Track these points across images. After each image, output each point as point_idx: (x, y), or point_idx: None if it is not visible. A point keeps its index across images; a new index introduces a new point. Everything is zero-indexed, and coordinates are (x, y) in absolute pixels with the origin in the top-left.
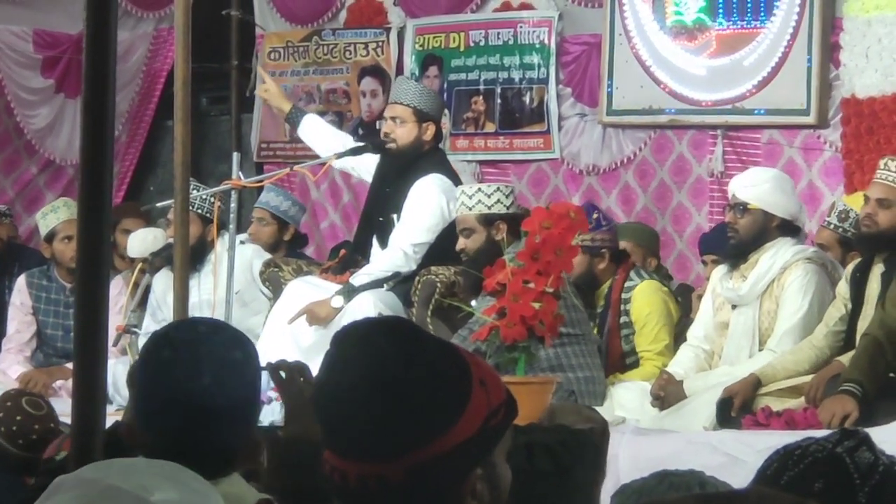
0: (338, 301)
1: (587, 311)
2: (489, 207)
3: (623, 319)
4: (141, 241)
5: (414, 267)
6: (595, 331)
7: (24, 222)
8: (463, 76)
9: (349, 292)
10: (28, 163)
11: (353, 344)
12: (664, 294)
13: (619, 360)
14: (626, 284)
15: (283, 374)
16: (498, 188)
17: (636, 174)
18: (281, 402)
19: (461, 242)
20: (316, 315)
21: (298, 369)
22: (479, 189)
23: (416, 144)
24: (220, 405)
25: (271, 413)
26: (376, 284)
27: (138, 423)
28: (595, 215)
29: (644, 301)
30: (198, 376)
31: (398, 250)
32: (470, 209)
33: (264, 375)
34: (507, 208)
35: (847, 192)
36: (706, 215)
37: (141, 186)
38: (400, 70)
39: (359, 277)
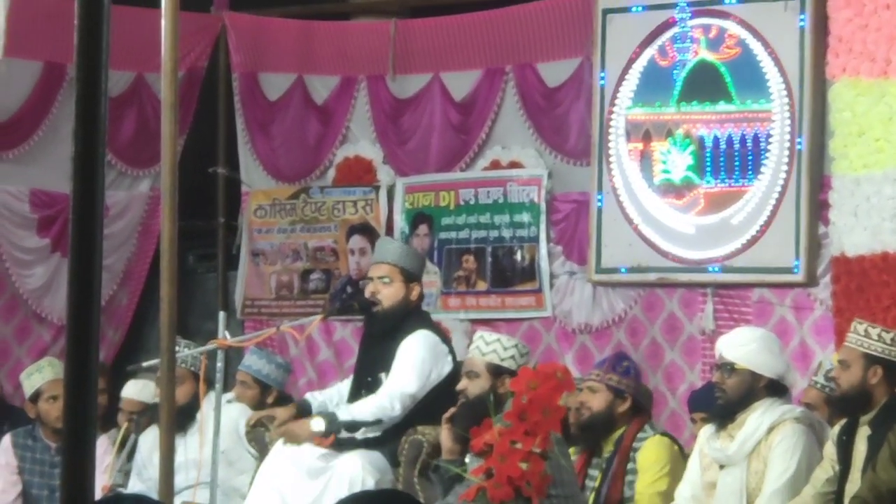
0: (318, 424)
1: (594, 460)
2: (501, 360)
3: (630, 466)
4: (143, 387)
5: (399, 416)
6: (599, 476)
7: None
8: (453, 234)
9: (331, 421)
10: (39, 329)
11: None
12: (675, 451)
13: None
14: (639, 435)
15: None
16: (516, 345)
17: (628, 332)
18: None
19: (463, 383)
20: (293, 433)
21: None
22: (498, 339)
23: (403, 304)
24: None
25: None
26: (355, 427)
27: None
28: (625, 363)
29: (653, 450)
30: None
31: (386, 398)
32: (483, 354)
33: None
34: (518, 367)
35: (837, 351)
36: (699, 373)
37: (130, 344)
38: (390, 228)
39: (343, 412)
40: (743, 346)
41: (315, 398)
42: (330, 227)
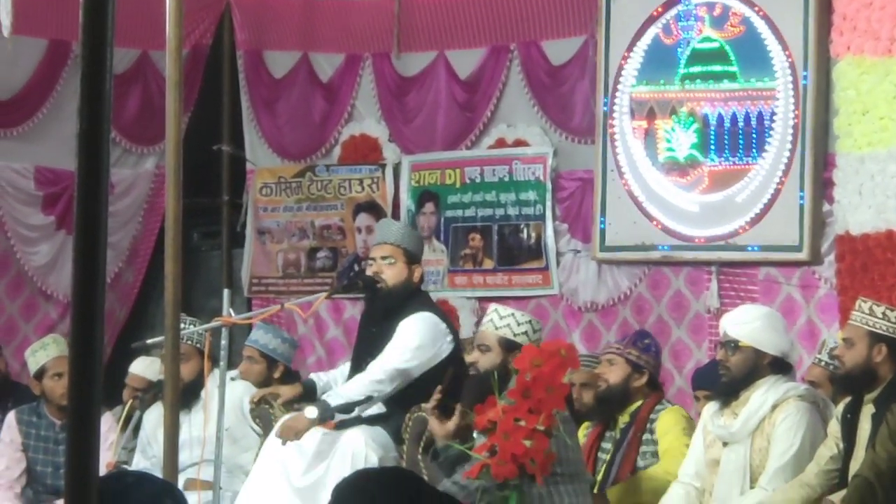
0: (311, 412)
1: (608, 433)
2: (514, 335)
3: (645, 437)
4: (150, 364)
5: (388, 391)
6: (611, 449)
7: None
8: (459, 213)
9: (324, 409)
10: (46, 306)
11: (354, 493)
12: (690, 420)
13: (631, 474)
14: (657, 407)
15: None
16: (530, 321)
17: (633, 310)
18: None
19: (475, 356)
20: (293, 429)
21: None
22: (513, 314)
23: (406, 285)
24: None
25: None
26: (348, 408)
27: None
28: (647, 341)
29: (671, 416)
30: None
31: (377, 372)
32: (496, 328)
33: None
34: (530, 343)
35: (842, 329)
36: (706, 351)
37: (133, 322)
38: (396, 206)
39: (332, 397)
40: (747, 324)
41: (320, 378)
42: (336, 205)
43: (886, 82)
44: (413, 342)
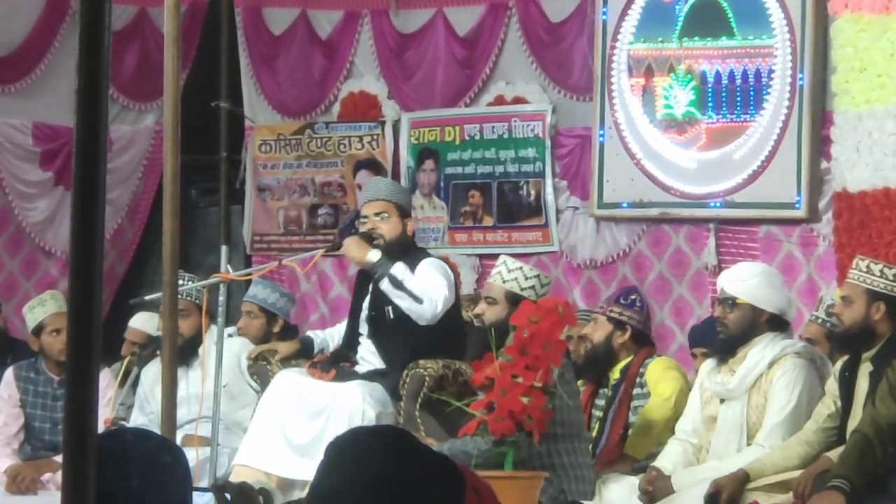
0: (375, 255)
1: (601, 391)
2: (521, 289)
3: (636, 391)
4: (150, 318)
5: (437, 310)
6: (603, 406)
7: None
8: (459, 170)
9: (383, 264)
10: (46, 263)
11: (348, 451)
12: (678, 365)
13: (623, 430)
14: (646, 361)
15: (228, 496)
16: (538, 275)
17: (633, 267)
18: None
19: (481, 307)
20: (351, 249)
21: (247, 490)
22: (521, 268)
23: (402, 238)
24: None
25: None
26: (399, 284)
27: None
28: (633, 296)
29: (661, 364)
30: (126, 478)
31: (434, 288)
32: (504, 282)
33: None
34: (536, 298)
35: (840, 287)
36: (707, 308)
37: (132, 278)
38: (396, 163)
39: (397, 268)
40: (744, 281)
41: (317, 335)
42: (336, 162)
43: (884, 39)
44: (441, 280)
